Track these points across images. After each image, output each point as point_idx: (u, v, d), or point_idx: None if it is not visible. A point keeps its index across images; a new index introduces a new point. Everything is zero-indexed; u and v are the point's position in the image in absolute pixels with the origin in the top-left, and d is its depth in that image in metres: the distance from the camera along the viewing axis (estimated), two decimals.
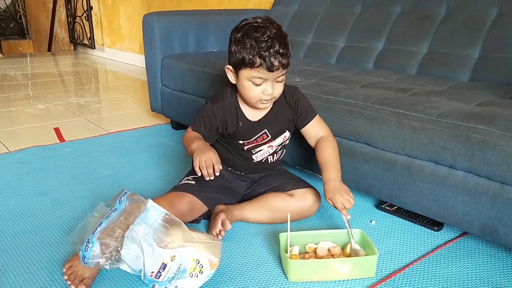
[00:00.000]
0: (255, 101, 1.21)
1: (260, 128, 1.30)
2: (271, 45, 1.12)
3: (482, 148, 1.09)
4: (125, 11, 4.32)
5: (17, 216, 1.36)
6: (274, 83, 1.18)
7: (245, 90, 1.20)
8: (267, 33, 1.13)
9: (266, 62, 1.12)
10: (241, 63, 1.16)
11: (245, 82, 1.19)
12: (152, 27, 2.07)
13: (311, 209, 1.35)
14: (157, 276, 1.00)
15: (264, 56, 1.12)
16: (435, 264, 1.14)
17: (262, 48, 1.12)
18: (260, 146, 1.33)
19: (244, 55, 1.14)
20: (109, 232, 1.00)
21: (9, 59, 4.83)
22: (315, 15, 2.24)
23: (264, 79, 1.16)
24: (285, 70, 1.18)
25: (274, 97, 1.22)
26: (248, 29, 1.15)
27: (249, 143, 1.32)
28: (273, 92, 1.19)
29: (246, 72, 1.16)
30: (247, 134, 1.30)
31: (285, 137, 1.35)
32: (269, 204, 1.33)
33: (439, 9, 1.81)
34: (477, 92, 1.43)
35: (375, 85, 1.55)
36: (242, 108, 1.29)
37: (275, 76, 1.16)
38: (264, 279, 1.08)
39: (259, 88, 1.18)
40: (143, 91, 3.18)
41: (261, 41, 1.12)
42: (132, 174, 1.70)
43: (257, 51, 1.12)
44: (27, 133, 2.24)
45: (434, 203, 1.22)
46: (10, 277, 1.07)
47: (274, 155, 1.37)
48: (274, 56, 1.12)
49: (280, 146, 1.37)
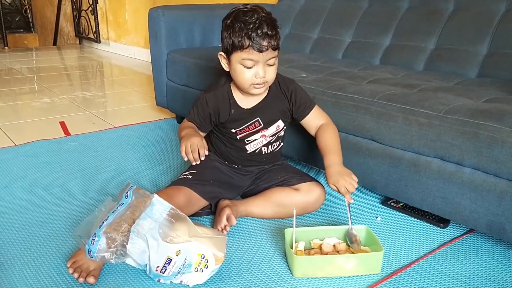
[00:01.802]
0: (248, 85, 1.23)
1: (253, 116, 1.31)
2: (259, 26, 1.15)
3: (490, 145, 1.08)
4: (130, 5, 4.32)
5: (23, 209, 1.37)
6: (265, 66, 1.20)
7: (237, 75, 1.22)
8: (255, 16, 1.16)
9: (254, 43, 1.15)
10: (232, 47, 1.18)
11: (237, 66, 1.21)
12: (158, 21, 2.07)
13: (317, 203, 1.35)
14: (162, 271, 1.00)
15: (252, 37, 1.15)
16: (441, 261, 1.13)
17: (250, 29, 1.15)
18: (253, 135, 1.33)
19: (234, 39, 1.17)
20: (116, 227, 1.00)
21: (15, 52, 4.84)
22: (321, 9, 2.22)
23: (255, 61, 1.18)
24: (276, 52, 1.20)
25: (267, 82, 1.24)
26: (237, 14, 1.19)
27: (241, 131, 1.32)
28: (265, 75, 1.20)
29: (237, 55, 1.19)
30: (239, 121, 1.31)
31: (278, 127, 1.35)
32: (274, 198, 1.33)
33: (447, 4, 1.79)
34: (485, 88, 1.42)
35: (382, 80, 1.54)
36: (235, 96, 1.31)
37: (265, 58, 1.18)
38: (269, 275, 1.08)
39: (250, 71, 1.20)
40: (148, 85, 3.18)
41: (249, 23, 1.15)
42: (137, 168, 1.70)
43: (245, 33, 1.15)
44: (33, 127, 2.24)
45: (440, 200, 1.21)
46: (16, 270, 1.07)
47: (268, 146, 1.37)
48: (263, 37, 1.15)
49: (275, 137, 1.37)
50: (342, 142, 1.41)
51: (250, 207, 1.32)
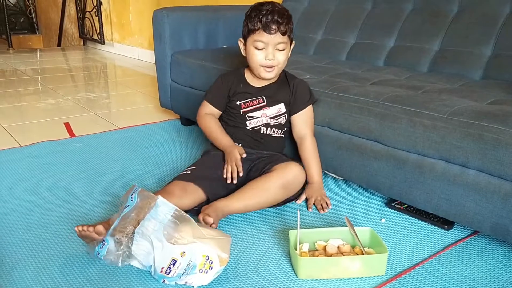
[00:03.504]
0: (258, 67, 1.38)
1: (258, 93, 1.46)
2: (270, 13, 1.32)
3: (495, 147, 1.08)
4: (134, 6, 4.33)
5: (29, 210, 1.37)
6: (275, 50, 1.35)
7: (250, 56, 1.39)
8: (269, 6, 1.34)
9: (264, 25, 1.31)
10: (248, 32, 1.37)
11: (250, 48, 1.37)
12: (162, 22, 2.07)
13: (295, 181, 1.35)
14: (167, 272, 1.00)
15: (263, 21, 1.32)
16: (446, 263, 1.13)
17: (262, 14, 1.32)
18: (255, 112, 1.45)
19: (249, 24, 1.35)
20: (121, 229, 1.01)
21: (19, 53, 4.86)
22: (325, 11, 2.22)
23: (265, 43, 1.34)
24: (285, 38, 1.35)
25: (277, 65, 1.37)
26: (255, 6, 1.38)
27: (245, 104, 1.45)
28: (274, 58, 1.35)
29: (251, 38, 1.36)
30: (245, 95, 1.45)
31: (279, 109, 1.46)
32: (252, 185, 1.31)
33: (451, 6, 1.79)
34: (490, 90, 1.42)
35: (386, 82, 1.54)
36: (246, 76, 1.48)
37: (275, 41, 1.33)
38: (273, 276, 1.08)
39: (261, 53, 1.36)
40: (152, 86, 3.18)
41: (262, 9, 1.33)
42: (141, 169, 1.71)
43: (258, 18, 1.32)
44: (37, 128, 2.25)
45: (445, 202, 1.21)
46: (22, 270, 1.08)
47: (267, 127, 1.44)
48: (272, 21, 1.31)
49: (275, 121, 1.44)
50: (346, 144, 1.43)
51: (231, 202, 1.28)
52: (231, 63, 1.85)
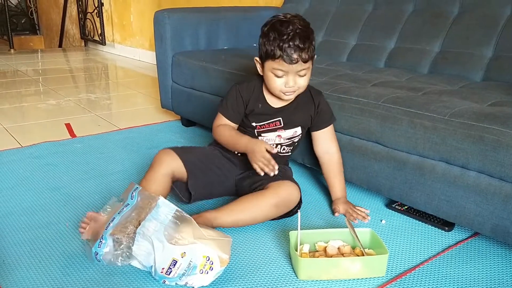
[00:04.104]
0: (278, 92, 1.26)
1: (276, 114, 1.34)
2: (291, 38, 1.16)
3: (495, 149, 1.08)
4: (135, 7, 4.34)
5: (30, 211, 1.38)
6: (296, 76, 1.23)
7: (268, 81, 1.26)
8: (290, 27, 1.18)
9: (285, 54, 1.17)
10: (265, 55, 1.22)
11: (269, 73, 1.24)
12: (163, 24, 2.08)
13: (288, 200, 1.28)
14: (167, 273, 1.00)
15: (283, 48, 1.17)
16: (446, 265, 1.13)
17: (283, 40, 1.17)
18: (270, 132, 1.36)
19: (268, 47, 1.20)
20: (121, 228, 1.01)
21: (21, 54, 4.87)
22: (326, 12, 2.23)
23: (285, 72, 1.21)
24: (307, 64, 1.22)
25: (298, 89, 1.26)
26: (274, 23, 1.21)
27: (261, 126, 1.35)
28: (294, 85, 1.23)
29: (269, 63, 1.22)
30: (262, 116, 1.34)
31: (295, 132, 1.36)
32: (243, 201, 1.27)
33: (452, 7, 1.80)
34: (490, 92, 1.42)
35: (386, 84, 1.54)
36: (265, 93, 1.34)
37: (296, 69, 1.20)
38: (274, 277, 1.08)
39: (281, 80, 1.23)
40: (153, 87, 3.19)
41: (283, 34, 1.17)
42: (142, 170, 1.71)
43: (277, 43, 1.18)
44: (38, 129, 2.26)
45: (445, 203, 1.21)
46: (23, 271, 1.08)
47: (278, 146, 1.37)
48: (294, 49, 1.17)
49: (288, 142, 1.37)
50: (347, 145, 1.43)
51: (221, 214, 1.24)
52: (232, 64, 1.85)
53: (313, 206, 1.44)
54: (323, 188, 1.57)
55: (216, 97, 1.91)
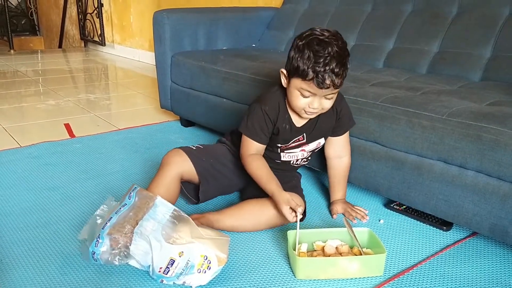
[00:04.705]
0: (299, 110, 1.20)
1: (300, 132, 1.29)
2: (328, 63, 1.09)
3: (493, 148, 1.08)
4: (135, 8, 4.34)
5: (28, 210, 1.38)
6: (322, 99, 1.16)
7: (292, 98, 1.19)
8: (328, 49, 1.09)
9: (318, 78, 1.10)
10: (295, 71, 1.13)
11: (294, 91, 1.17)
12: (163, 24, 2.08)
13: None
14: (165, 272, 1.00)
15: (317, 72, 1.09)
16: (444, 264, 1.13)
17: (319, 63, 1.09)
18: (294, 149, 1.32)
19: (300, 64, 1.11)
20: (119, 228, 1.01)
21: (20, 55, 4.87)
22: (325, 13, 2.23)
23: (312, 94, 1.14)
24: (337, 89, 1.16)
25: (321, 111, 1.21)
26: (311, 40, 1.12)
27: (286, 146, 1.31)
28: (319, 107, 1.17)
29: (298, 81, 1.14)
30: (288, 137, 1.29)
31: (319, 143, 1.34)
32: (247, 206, 1.28)
33: (451, 7, 1.80)
34: (489, 91, 1.42)
35: (385, 83, 1.54)
36: (290, 111, 1.26)
37: (325, 93, 1.14)
38: (271, 276, 1.08)
39: (306, 100, 1.17)
40: (152, 88, 3.19)
41: (319, 56, 1.09)
42: (141, 170, 1.71)
43: (312, 65, 1.09)
44: (38, 129, 2.26)
45: (443, 203, 1.21)
46: (20, 270, 1.08)
47: (299, 159, 1.37)
48: (328, 74, 1.09)
49: (310, 153, 1.37)
50: None
51: (223, 217, 1.25)
52: (231, 64, 1.85)
53: (312, 205, 1.44)
54: (322, 188, 1.57)
55: (215, 97, 1.91)
